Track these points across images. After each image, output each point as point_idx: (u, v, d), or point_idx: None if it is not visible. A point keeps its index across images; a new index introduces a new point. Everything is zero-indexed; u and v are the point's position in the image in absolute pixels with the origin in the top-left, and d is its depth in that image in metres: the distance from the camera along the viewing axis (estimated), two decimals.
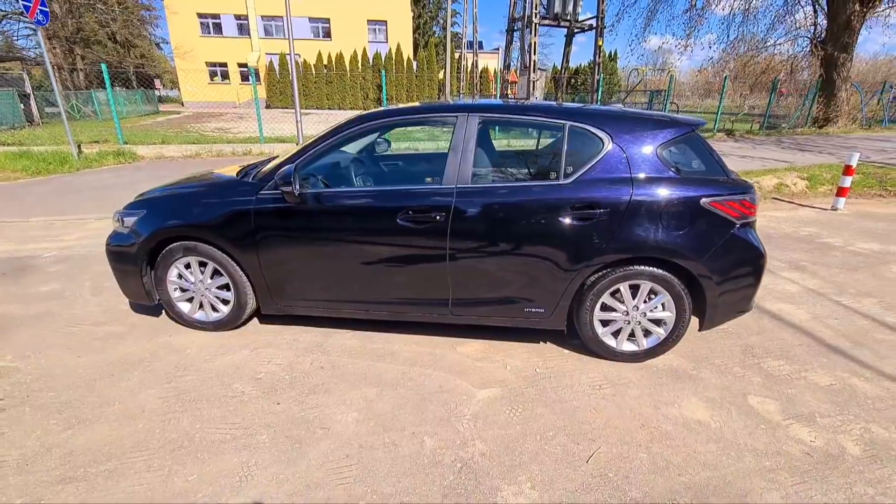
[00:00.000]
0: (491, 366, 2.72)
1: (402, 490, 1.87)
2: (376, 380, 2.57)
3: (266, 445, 2.08)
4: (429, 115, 2.87)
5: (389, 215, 2.56)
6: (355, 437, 2.14)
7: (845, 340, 3.07)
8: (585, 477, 1.95)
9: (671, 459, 2.05)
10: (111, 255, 2.94)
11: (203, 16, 33.14)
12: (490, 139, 3.01)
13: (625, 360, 2.75)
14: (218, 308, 2.98)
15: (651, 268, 2.51)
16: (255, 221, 2.68)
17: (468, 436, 2.17)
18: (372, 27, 37.08)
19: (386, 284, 2.73)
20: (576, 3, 14.83)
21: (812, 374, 2.69)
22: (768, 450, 2.11)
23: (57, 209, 6.02)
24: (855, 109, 17.01)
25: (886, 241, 5.14)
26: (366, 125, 2.72)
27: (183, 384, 2.49)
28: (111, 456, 2.00)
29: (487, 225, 2.53)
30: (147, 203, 2.92)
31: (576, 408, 2.37)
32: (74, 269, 4.05)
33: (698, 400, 2.45)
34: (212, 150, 9.84)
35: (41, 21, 7.88)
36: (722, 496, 1.86)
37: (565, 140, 2.56)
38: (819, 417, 2.34)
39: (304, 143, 2.83)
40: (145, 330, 3.05)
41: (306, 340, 2.95)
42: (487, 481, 1.92)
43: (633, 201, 2.43)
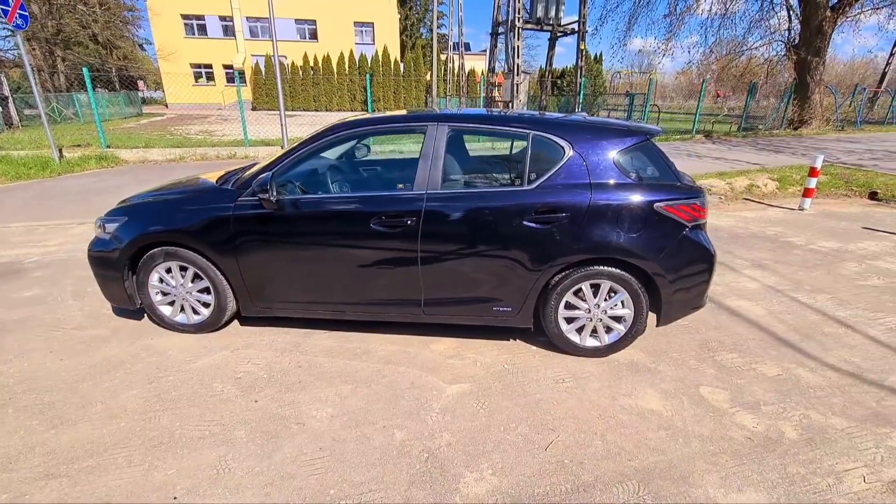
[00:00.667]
0: (462, 363, 2.86)
1: (372, 478, 1.99)
2: (351, 377, 2.69)
3: (243, 441, 2.19)
4: (400, 124, 3.00)
5: (363, 220, 2.68)
6: (329, 432, 2.26)
7: (796, 334, 3.27)
8: (542, 463, 2.10)
9: (623, 446, 2.21)
10: (93, 260, 3.02)
11: (187, 17, 32.85)
12: (460, 147, 3.15)
13: (588, 356, 2.91)
14: (199, 311, 3.07)
15: (610, 268, 2.67)
16: (234, 227, 2.78)
17: (436, 428, 2.31)
18: (359, 29, 37.08)
19: (361, 286, 2.85)
20: (558, 7, 15.09)
21: (761, 366, 2.88)
22: (714, 435, 2.29)
23: (39, 214, 6.03)
24: (828, 111, 17.54)
25: (845, 240, 5.40)
26: (339, 134, 2.84)
27: (164, 384, 2.59)
28: (93, 453, 2.10)
29: (456, 228, 2.67)
30: (128, 209, 3.01)
31: (539, 400, 2.52)
32: (57, 274, 4.10)
33: (654, 391, 2.62)
34: (196, 153, 9.85)
35: (20, 25, 7.85)
36: (666, 477, 2.02)
37: (529, 148, 2.71)
38: (763, 405, 2.52)
39: (282, 151, 2.94)
40: (128, 333, 3.13)
41: (285, 341, 3.06)
42: (452, 469, 2.06)
43: (592, 205, 2.59)
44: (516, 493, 1.94)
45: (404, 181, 2.93)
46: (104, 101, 24.51)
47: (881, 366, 2.88)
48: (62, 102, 21.74)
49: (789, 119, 16.53)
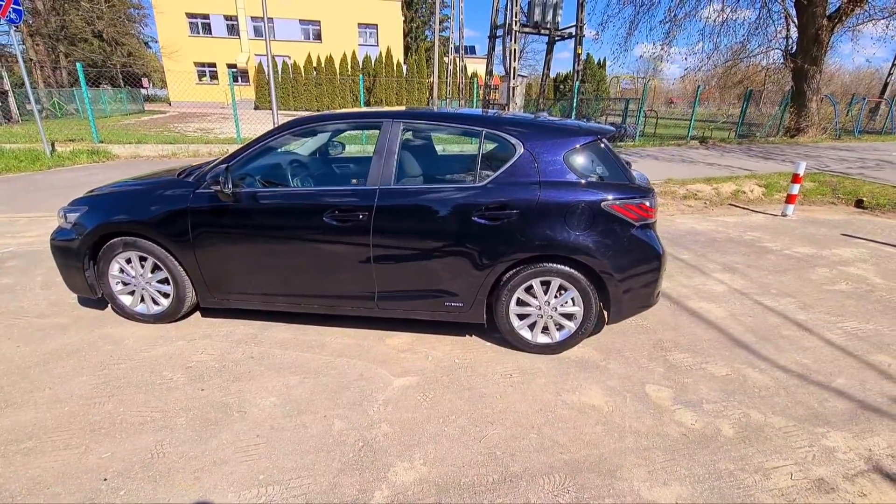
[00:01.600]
0: (413, 356, 2.89)
1: (303, 465, 2.02)
2: (301, 368, 2.73)
3: (182, 427, 2.22)
4: (355, 120, 3.05)
5: (316, 214, 2.72)
6: (269, 420, 2.29)
7: (752, 336, 3.28)
8: (474, 455, 2.12)
9: (558, 439, 2.23)
10: (55, 249, 3.07)
11: (192, 15, 33.09)
12: (418, 145, 3.20)
13: (540, 352, 2.94)
14: (158, 301, 3.12)
15: (559, 265, 2.70)
16: (191, 218, 2.82)
17: (376, 418, 2.34)
18: (363, 30, 37.26)
19: (316, 279, 2.89)
20: (556, 11, 15.15)
21: (711, 366, 2.90)
22: (650, 432, 2.31)
23: (23, 206, 6.09)
24: (826, 120, 17.52)
25: (821, 246, 5.41)
26: (295, 129, 2.89)
27: (114, 372, 2.63)
28: (32, 436, 2.13)
29: (407, 224, 2.71)
30: (90, 199, 3.05)
31: (483, 394, 2.55)
32: (29, 265, 4.15)
33: (599, 388, 2.64)
34: (188, 150, 9.92)
35: (14, 20, 7.95)
36: (593, 471, 2.05)
37: (481, 146, 2.75)
38: (706, 403, 2.54)
39: (240, 145, 2.99)
40: (88, 322, 3.17)
41: (242, 332, 3.10)
42: (384, 458, 2.09)
43: (540, 203, 2.62)
44: (443, 482, 1.97)
45: (360, 177, 2.97)
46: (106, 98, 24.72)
47: (830, 368, 2.89)
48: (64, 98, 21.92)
49: (786, 127, 16.53)
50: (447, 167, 2.85)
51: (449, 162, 2.88)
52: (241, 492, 1.88)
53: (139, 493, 1.86)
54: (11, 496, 1.82)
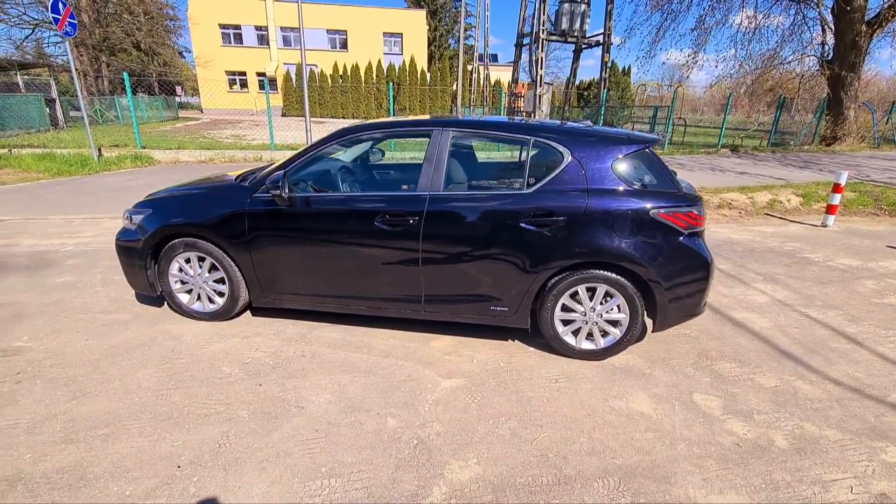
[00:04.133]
0: (458, 359, 2.95)
1: (361, 460, 2.10)
2: (351, 368, 2.81)
3: (245, 419, 2.33)
4: (407, 128, 3.14)
5: (368, 218, 2.82)
6: (325, 416, 2.38)
7: (800, 348, 3.23)
8: (527, 456, 2.16)
9: (609, 444, 2.25)
10: (119, 249, 3.25)
11: (225, 26, 34.26)
12: (465, 153, 3.27)
13: (584, 358, 2.95)
14: (214, 300, 3.26)
15: (606, 272, 2.73)
16: (248, 221, 2.96)
17: (428, 418, 2.40)
18: (388, 39, 37.88)
19: (365, 282, 2.98)
20: (583, 20, 15.15)
21: (759, 377, 2.87)
22: (701, 440, 2.30)
23: (75, 208, 6.42)
24: (864, 128, 16.96)
25: (866, 258, 5.26)
26: (347, 137, 3.00)
27: (177, 366, 2.76)
28: (108, 423, 2.27)
29: (456, 229, 2.78)
30: (153, 202, 3.23)
31: (530, 398, 2.59)
32: (87, 263, 4.38)
33: (646, 395, 2.64)
34: (224, 155, 10.28)
35: (69, 32, 8.41)
36: (647, 476, 2.06)
37: (529, 154, 2.81)
38: (757, 414, 2.51)
39: (296, 152, 3.11)
40: (148, 318, 3.34)
41: (292, 332, 3.21)
42: (438, 456, 2.14)
43: (588, 211, 2.66)
44: (498, 482, 2.01)
45: (409, 183, 3.06)
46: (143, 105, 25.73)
47: (884, 382, 2.83)
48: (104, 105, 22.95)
49: (821, 135, 16.07)
50: (494, 174, 2.91)
51: (495, 169, 2.94)
52: (305, 483, 1.96)
53: (211, 480, 1.96)
54: (96, 478, 1.95)
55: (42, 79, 21.85)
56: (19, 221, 5.78)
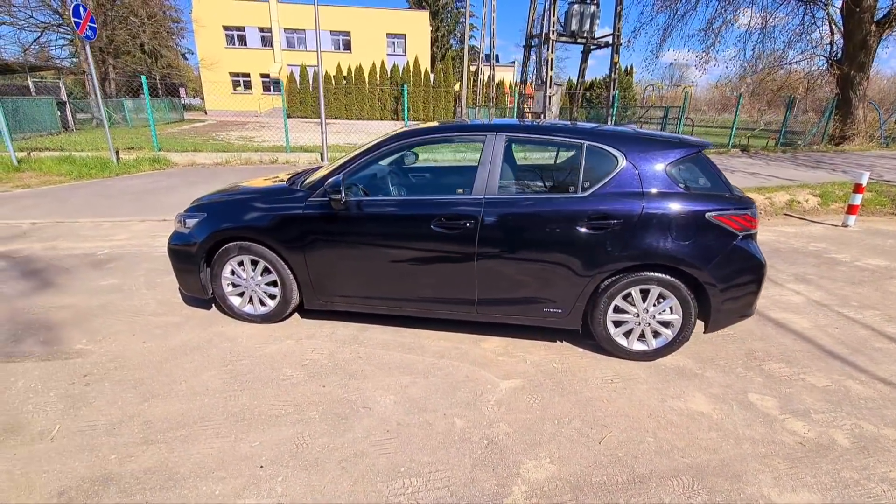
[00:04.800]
0: (511, 360, 2.99)
1: (437, 460, 2.14)
2: (409, 369, 2.86)
3: (316, 420, 2.37)
4: (462, 133, 3.18)
5: (424, 221, 2.87)
6: (394, 416, 2.42)
7: (844, 347, 3.27)
8: (598, 455, 2.20)
9: (675, 444, 2.29)
10: (173, 253, 3.29)
11: (228, 28, 34.34)
12: (514, 155, 3.31)
13: (635, 359, 3.00)
14: (265, 302, 3.30)
15: (660, 274, 2.77)
16: (303, 225, 3.00)
17: (493, 418, 2.44)
18: (391, 40, 37.93)
19: (418, 284, 3.03)
20: (592, 21, 15.21)
21: (810, 377, 2.91)
22: (764, 439, 2.35)
23: (102, 211, 6.46)
24: (872, 128, 17.00)
25: (893, 258, 5.30)
26: (405, 141, 3.05)
27: (238, 367, 2.80)
28: (184, 424, 2.31)
29: (512, 232, 2.82)
30: (207, 206, 3.27)
31: (589, 398, 2.63)
32: (128, 266, 4.43)
33: (702, 395, 2.69)
34: (240, 157, 10.32)
35: (90, 36, 8.46)
36: (719, 475, 2.10)
37: (583, 157, 2.85)
38: (814, 413, 2.56)
39: (348, 155, 3.16)
40: (199, 321, 3.38)
41: (344, 333, 3.25)
42: (511, 456, 2.19)
43: (644, 214, 2.70)
44: (575, 480, 2.05)
45: (459, 186, 3.09)
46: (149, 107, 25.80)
47: None
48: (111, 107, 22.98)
49: (830, 135, 16.11)
50: (547, 177, 2.95)
51: (548, 172, 2.98)
52: (387, 482, 2.01)
53: (295, 480, 2.00)
54: (183, 478, 1.99)
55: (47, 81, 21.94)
56: (50, 225, 5.82)
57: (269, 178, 3.87)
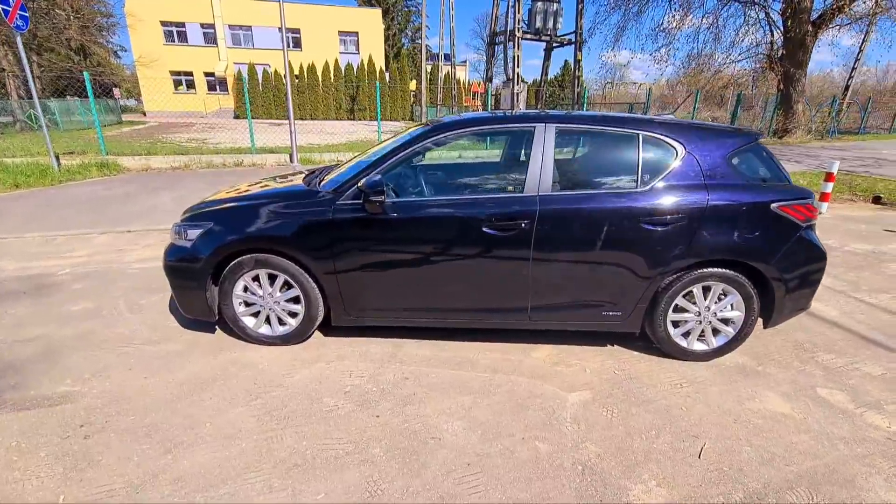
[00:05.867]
0: (570, 370, 2.77)
1: (537, 494, 1.87)
2: (465, 388, 2.56)
3: (383, 459, 2.04)
4: (507, 124, 2.92)
5: (474, 223, 2.58)
6: (469, 446, 2.13)
7: (878, 333, 3.30)
8: (703, 472, 2.02)
9: (774, 451, 2.15)
10: (171, 270, 2.81)
11: (167, 24, 32.15)
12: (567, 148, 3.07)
13: (695, 360, 2.86)
14: (285, 321, 2.89)
15: (724, 269, 2.64)
16: (333, 232, 2.64)
17: (576, 438, 2.20)
18: (343, 38, 36.99)
19: (466, 292, 2.74)
20: (556, 19, 15.38)
21: (864, 366, 2.88)
22: (854, 437, 2.25)
23: (52, 224, 5.66)
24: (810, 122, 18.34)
25: (874, 242, 5.57)
26: (443, 135, 2.74)
27: (270, 401, 2.40)
28: (225, 479, 1.91)
29: (569, 231, 2.59)
30: (211, 215, 2.81)
31: (666, 406, 2.45)
32: (99, 287, 3.82)
33: (774, 394, 2.58)
34: (201, 160, 9.51)
35: (20, 26, 7.45)
36: (832, 483, 1.97)
37: (639, 149, 2.67)
38: (885, 405, 2.51)
39: (377, 152, 2.82)
40: (206, 347, 2.92)
41: (379, 352, 2.91)
42: (613, 481, 1.96)
43: (709, 207, 2.55)
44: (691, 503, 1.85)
45: (497, 184, 2.82)
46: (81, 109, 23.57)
47: None
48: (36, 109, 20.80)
49: (774, 129, 17.20)
50: (601, 171, 2.75)
51: (602, 165, 2.78)
52: None
53: None
54: None
55: None
56: None
57: (258, 182, 3.45)
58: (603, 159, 2.76)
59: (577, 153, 2.80)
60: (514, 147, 2.82)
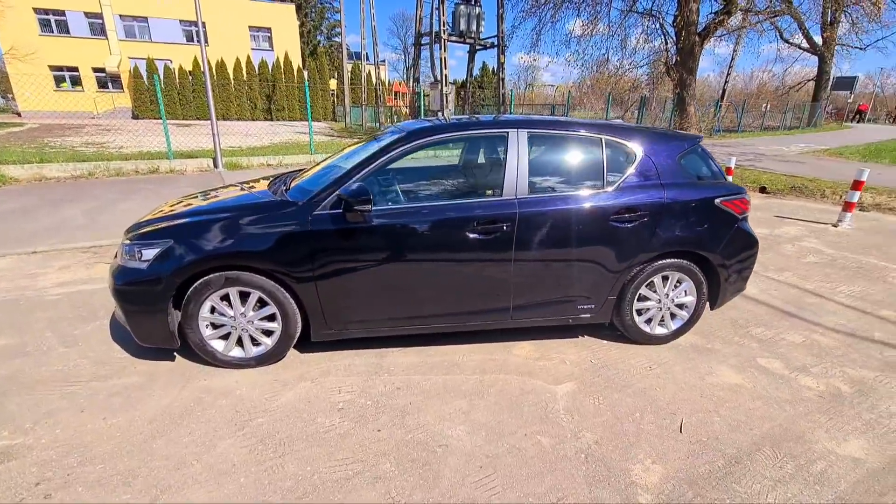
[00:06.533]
0: (551, 363, 2.91)
1: (553, 487, 1.96)
2: (458, 392, 2.59)
3: (395, 473, 2.00)
4: (481, 130, 2.96)
5: (458, 228, 2.62)
6: (477, 449, 2.16)
7: (791, 306, 3.85)
8: (687, 445, 2.24)
9: (737, 418, 2.44)
10: (123, 295, 2.51)
11: (42, 11, 28.19)
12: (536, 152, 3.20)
13: (657, 343, 3.14)
14: (260, 341, 2.71)
15: (681, 260, 2.93)
16: (312, 243, 2.52)
17: (573, 429, 2.33)
18: (254, 34, 35.01)
19: (450, 297, 2.76)
20: (478, 22, 15.82)
21: (787, 335, 3.35)
22: (794, 398, 2.62)
23: None
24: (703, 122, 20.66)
25: (769, 227, 6.46)
26: (421, 140, 2.73)
27: (260, 429, 2.25)
28: None
29: (547, 232, 2.72)
30: (169, 231, 2.55)
31: (643, 389, 2.67)
32: (17, 319, 3.29)
33: (726, 367, 2.91)
34: (108, 167, 8.47)
35: None
36: (788, 440, 2.28)
37: (603, 152, 2.87)
38: (810, 367, 2.94)
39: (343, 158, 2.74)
40: (169, 377, 2.64)
41: (363, 363, 2.83)
42: (615, 464, 2.10)
43: (666, 204, 2.82)
44: (685, 475, 2.05)
45: (473, 188, 2.87)
46: None
47: (863, 325, 3.52)
48: None
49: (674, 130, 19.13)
50: (570, 173, 2.90)
51: (570, 168, 2.93)
52: None
53: None
54: None
55: None
56: None
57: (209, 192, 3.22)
58: (571, 163, 2.92)
59: (546, 156, 2.93)
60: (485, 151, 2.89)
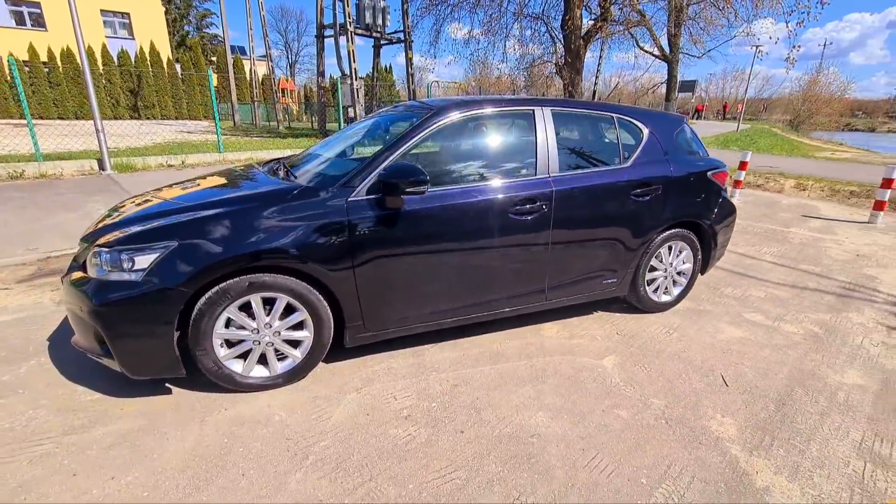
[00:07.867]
0: (584, 340, 2.94)
1: (659, 458, 1.97)
2: (517, 380, 2.48)
3: (503, 473, 1.84)
4: (510, 107, 2.81)
5: (501, 209, 2.50)
6: (567, 433, 2.09)
7: (740, 268, 4.40)
8: (739, 396, 2.41)
9: (761, 367, 2.70)
10: (111, 318, 1.94)
11: None
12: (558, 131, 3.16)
13: (662, 310, 3.35)
14: (287, 354, 2.31)
15: (682, 229, 3.16)
16: (352, 235, 2.21)
17: (639, 397, 2.37)
18: (109, 19, 30.48)
19: (491, 283, 2.64)
20: (384, 16, 15.47)
21: (752, 292, 3.82)
22: (788, 343, 2.99)
23: None
24: None
25: None
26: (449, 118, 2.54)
27: (327, 454, 1.91)
28: None
29: (580, 210, 2.74)
30: (174, 229, 2.03)
31: (675, 352, 2.83)
32: None
33: (726, 325, 3.22)
34: None
35: None
36: (807, 377, 2.59)
37: (616, 130, 2.97)
38: (784, 316, 3.38)
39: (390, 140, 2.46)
40: (177, 413, 2.12)
41: (403, 365, 2.58)
42: (693, 423, 2.18)
43: (672, 177, 3.01)
44: (754, 422, 2.21)
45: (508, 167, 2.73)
46: None
47: (798, 279, 4.15)
48: None
49: None
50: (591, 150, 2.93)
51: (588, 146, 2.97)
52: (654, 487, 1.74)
53: None
54: None
55: None
56: None
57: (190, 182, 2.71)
58: (590, 139, 2.98)
59: (568, 134, 2.94)
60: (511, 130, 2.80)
